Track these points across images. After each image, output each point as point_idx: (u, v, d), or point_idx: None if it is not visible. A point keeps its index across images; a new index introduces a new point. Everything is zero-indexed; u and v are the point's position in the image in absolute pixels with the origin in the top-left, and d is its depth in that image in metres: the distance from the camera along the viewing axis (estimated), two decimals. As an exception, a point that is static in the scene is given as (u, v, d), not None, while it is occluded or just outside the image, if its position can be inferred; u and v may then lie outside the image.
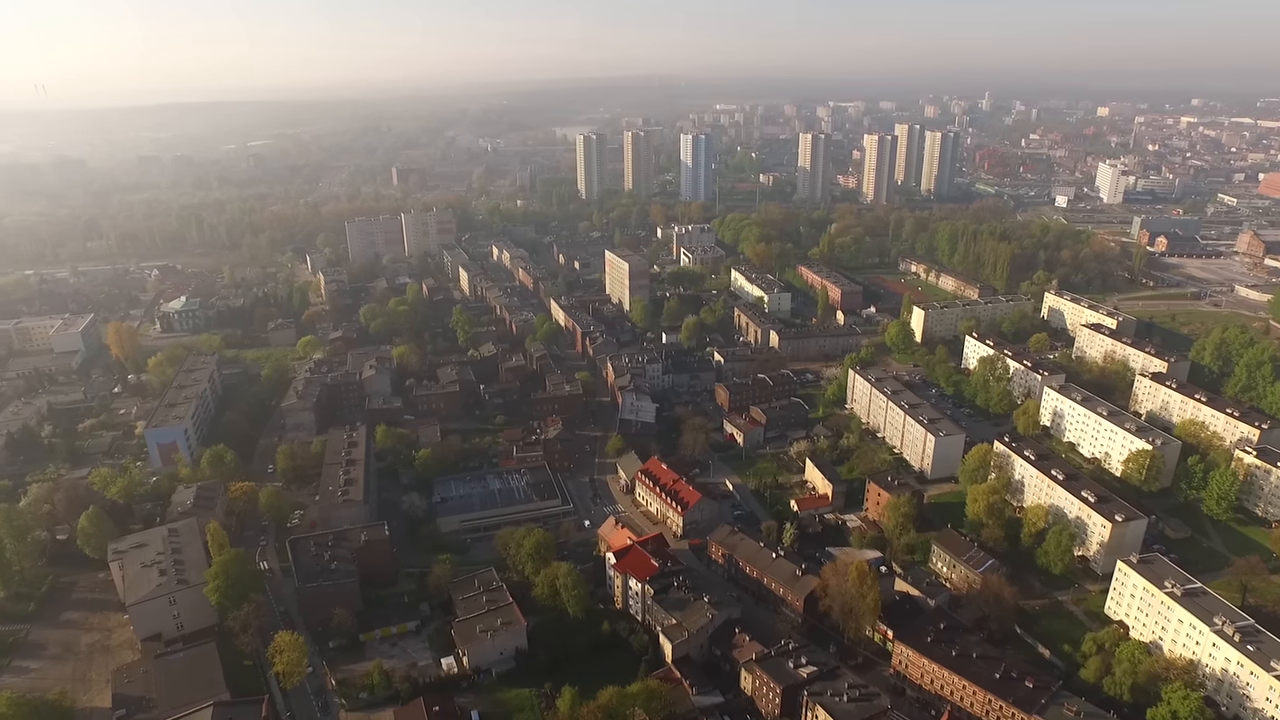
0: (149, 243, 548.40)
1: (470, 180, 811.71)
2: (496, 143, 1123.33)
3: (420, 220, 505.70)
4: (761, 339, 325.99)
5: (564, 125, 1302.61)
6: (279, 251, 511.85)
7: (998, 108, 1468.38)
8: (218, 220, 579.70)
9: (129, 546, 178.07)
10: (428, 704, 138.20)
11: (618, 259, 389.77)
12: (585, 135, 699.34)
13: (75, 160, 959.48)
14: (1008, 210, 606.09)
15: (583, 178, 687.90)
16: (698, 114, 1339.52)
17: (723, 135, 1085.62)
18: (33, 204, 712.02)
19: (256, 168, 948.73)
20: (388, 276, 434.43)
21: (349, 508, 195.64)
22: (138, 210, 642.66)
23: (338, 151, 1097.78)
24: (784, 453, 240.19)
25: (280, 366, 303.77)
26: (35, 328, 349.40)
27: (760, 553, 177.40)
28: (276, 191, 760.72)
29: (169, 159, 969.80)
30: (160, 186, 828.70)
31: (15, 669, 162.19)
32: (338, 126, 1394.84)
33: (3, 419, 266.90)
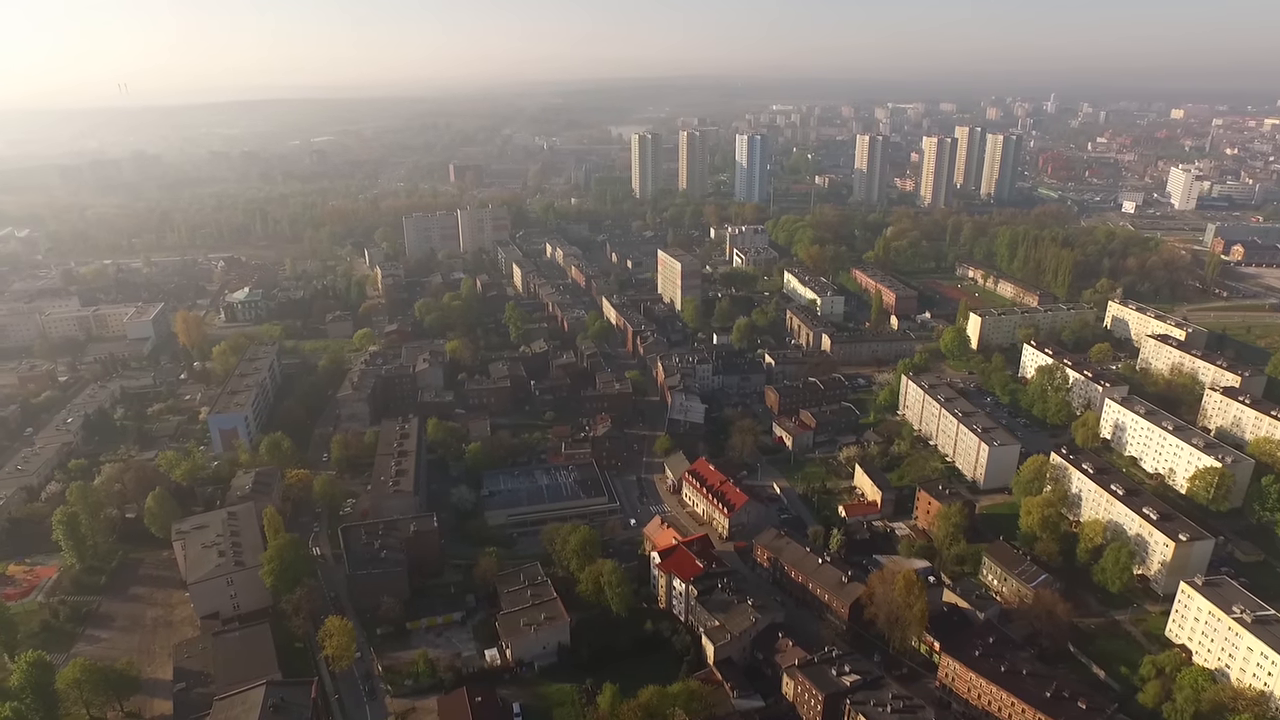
0: (216, 235, 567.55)
1: (526, 178, 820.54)
2: (552, 141, 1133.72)
3: (476, 217, 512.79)
4: (813, 342, 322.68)
5: (620, 124, 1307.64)
6: (338, 245, 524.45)
7: (1064, 110, 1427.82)
8: (281, 214, 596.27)
9: (191, 527, 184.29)
10: (470, 694, 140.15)
11: (670, 258, 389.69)
12: (640, 134, 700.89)
13: (152, 155, 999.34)
14: (1071, 216, 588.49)
15: (637, 177, 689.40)
16: (754, 114, 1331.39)
17: (779, 136, 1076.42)
18: (113, 197, 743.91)
19: (319, 163, 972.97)
20: (443, 272, 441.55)
21: (400, 498, 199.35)
22: (207, 203, 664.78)
23: (397, 148, 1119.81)
24: (833, 458, 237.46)
25: (337, 358, 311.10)
26: (111, 315, 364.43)
27: (806, 558, 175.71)
28: (338, 186, 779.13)
29: (237, 154, 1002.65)
30: (228, 181, 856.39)
31: (88, 637, 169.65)
32: (398, 124, 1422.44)
33: (80, 401, 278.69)
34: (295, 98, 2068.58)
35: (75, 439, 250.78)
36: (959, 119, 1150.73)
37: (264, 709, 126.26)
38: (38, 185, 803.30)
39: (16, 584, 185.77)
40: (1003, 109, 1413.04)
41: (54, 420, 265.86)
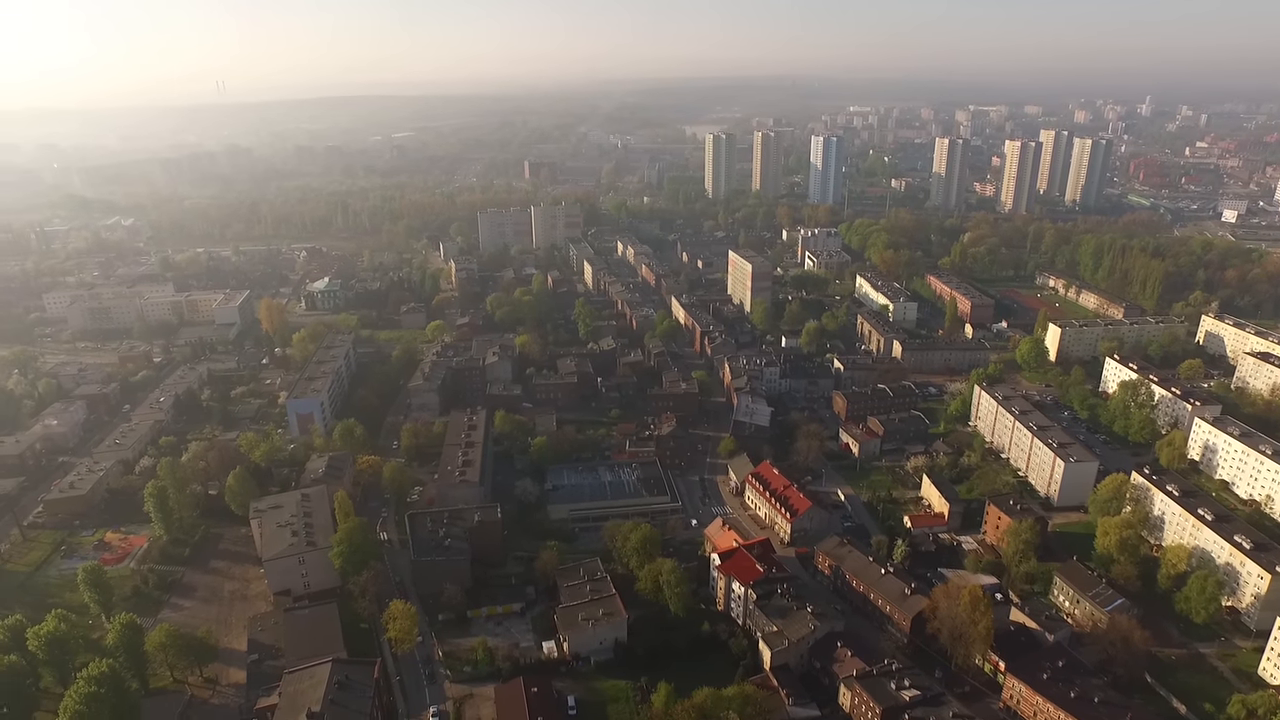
0: (300, 226, 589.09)
1: (599, 176, 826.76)
2: (627, 139, 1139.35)
3: (549, 213, 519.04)
4: (884, 348, 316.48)
5: (694, 124, 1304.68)
6: (415, 238, 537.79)
7: (1160, 113, 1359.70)
8: (361, 207, 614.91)
9: (267, 507, 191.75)
10: (527, 684, 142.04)
11: (741, 259, 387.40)
12: (715, 134, 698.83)
13: (244, 150, 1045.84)
14: (1163, 224, 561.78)
15: (710, 177, 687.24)
16: (830, 115, 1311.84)
17: (855, 138, 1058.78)
18: (208, 189, 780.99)
19: (399, 158, 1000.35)
20: (515, 267, 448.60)
21: (465, 488, 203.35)
22: (292, 196, 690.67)
23: (474, 144, 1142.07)
24: (900, 466, 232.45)
25: (410, 348, 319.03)
26: (202, 300, 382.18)
27: (869, 567, 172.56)
28: (416, 181, 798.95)
29: (322, 149, 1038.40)
30: (312, 174, 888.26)
31: (173, 605, 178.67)
32: (475, 121, 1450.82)
33: (172, 381, 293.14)
34: (378, 95, 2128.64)
35: (166, 417, 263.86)
36: (1044, 122, 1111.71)
37: (329, 685, 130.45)
38: (142, 177, 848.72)
39: (113, 550, 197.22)
40: (1092, 112, 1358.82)
41: (149, 398, 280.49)
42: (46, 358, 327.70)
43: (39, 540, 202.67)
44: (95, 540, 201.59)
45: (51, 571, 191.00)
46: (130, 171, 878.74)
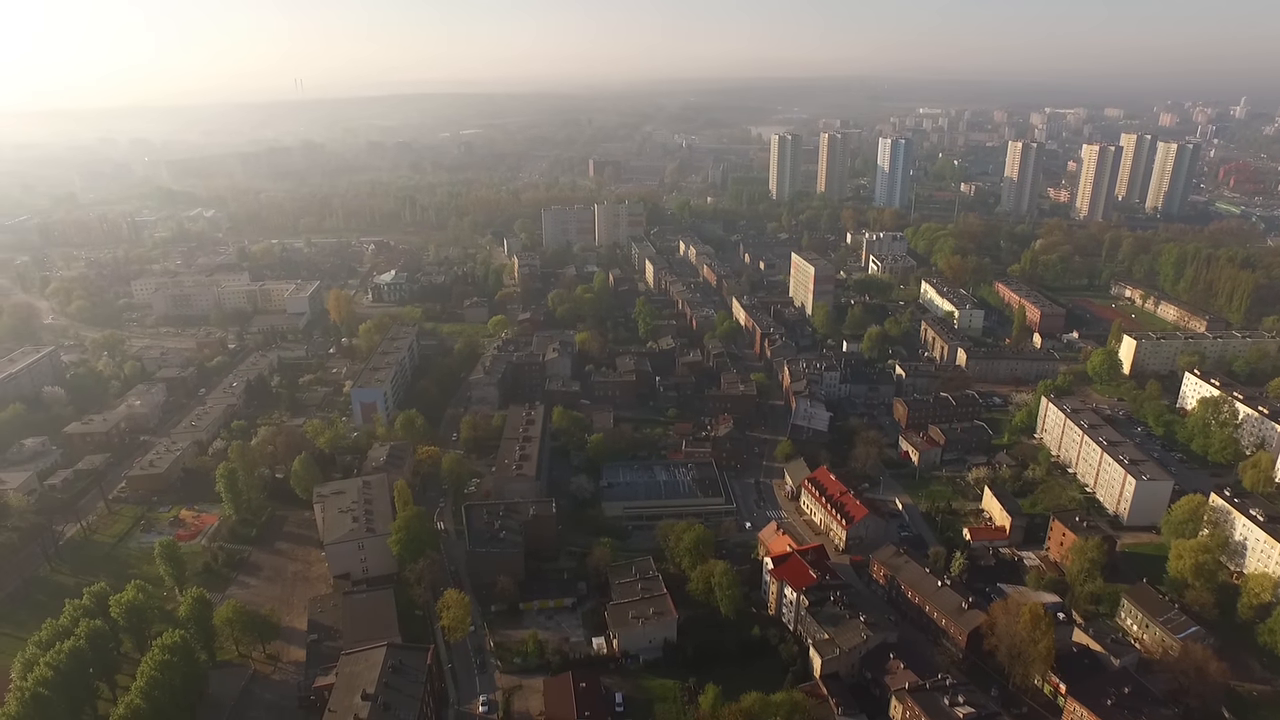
0: (369, 220, 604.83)
1: (663, 175, 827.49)
2: (691, 139, 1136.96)
3: (612, 212, 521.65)
4: (948, 356, 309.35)
5: (760, 124, 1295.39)
6: (480, 234, 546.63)
7: (1256, 115, 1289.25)
8: (428, 202, 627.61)
9: (330, 492, 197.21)
10: (575, 679, 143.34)
11: (804, 262, 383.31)
12: (780, 135, 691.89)
13: (318, 145, 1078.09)
14: (1255, 234, 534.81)
15: (774, 178, 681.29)
16: (899, 117, 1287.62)
17: (924, 140, 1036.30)
18: (283, 183, 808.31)
19: (466, 154, 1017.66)
20: (577, 264, 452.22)
21: (521, 482, 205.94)
22: (362, 190, 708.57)
23: (540, 142, 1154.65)
24: (961, 477, 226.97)
25: (471, 342, 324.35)
26: (274, 290, 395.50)
27: (925, 579, 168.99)
28: (482, 177, 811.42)
29: (392, 145, 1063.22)
30: (382, 169, 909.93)
31: (239, 582, 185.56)
32: (541, 119, 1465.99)
33: (245, 367, 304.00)
34: (446, 92, 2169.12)
35: (238, 401, 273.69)
36: (1126, 125, 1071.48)
37: (384, 668, 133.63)
38: (223, 171, 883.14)
39: (187, 527, 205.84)
40: (1180, 114, 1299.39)
41: (223, 383, 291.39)
42: (132, 341, 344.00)
43: (122, 514, 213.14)
44: (171, 517, 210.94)
45: (132, 544, 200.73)
46: (212, 165, 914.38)
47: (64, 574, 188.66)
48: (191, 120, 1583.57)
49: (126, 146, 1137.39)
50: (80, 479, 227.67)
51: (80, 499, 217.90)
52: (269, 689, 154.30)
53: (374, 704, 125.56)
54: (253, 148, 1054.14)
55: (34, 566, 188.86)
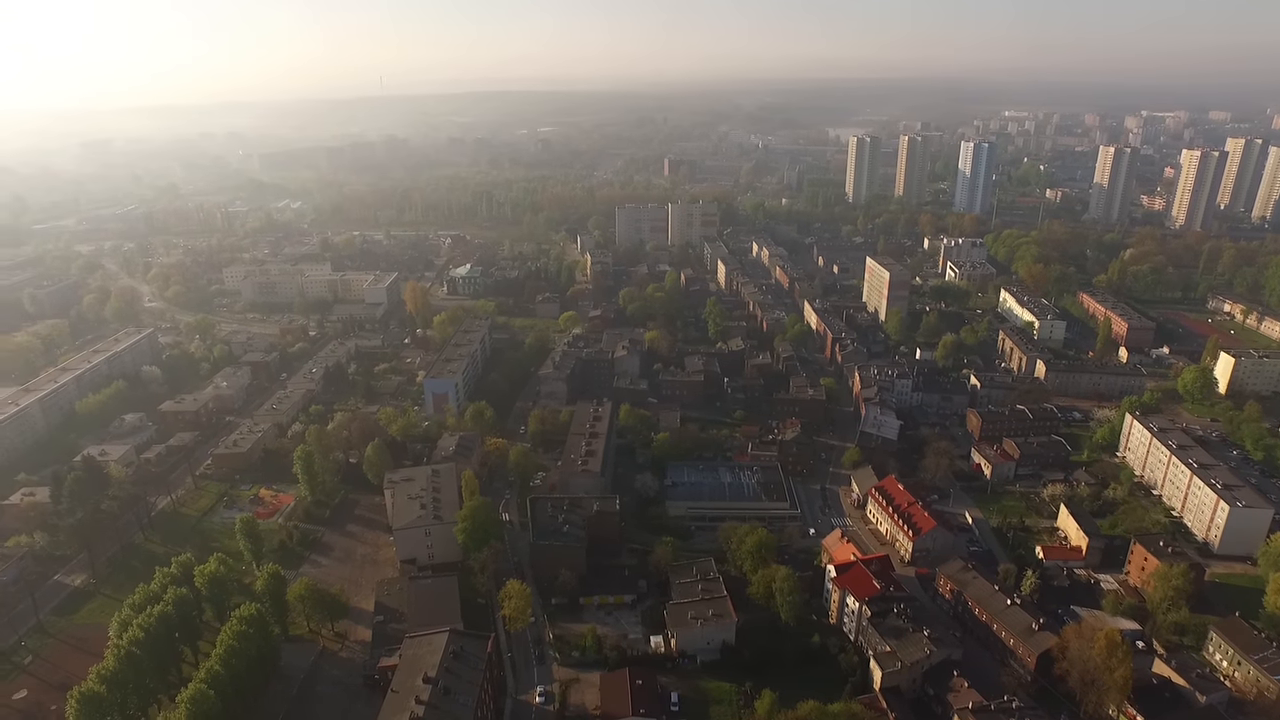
0: (446, 214, 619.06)
1: (738, 175, 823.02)
2: (768, 140, 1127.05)
3: (686, 211, 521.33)
4: (1026, 367, 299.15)
5: (838, 126, 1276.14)
6: (554, 230, 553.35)
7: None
8: (504, 197, 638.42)
9: (400, 479, 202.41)
10: (632, 675, 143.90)
11: (879, 266, 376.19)
12: (859, 137, 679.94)
13: (400, 140, 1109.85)
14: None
15: (851, 180, 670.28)
16: (983, 120, 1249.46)
17: (1008, 144, 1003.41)
18: (365, 176, 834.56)
19: (543, 151, 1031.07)
20: (649, 263, 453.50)
21: (586, 477, 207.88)
22: (441, 185, 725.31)
23: (616, 140, 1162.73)
24: (1035, 493, 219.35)
25: (542, 337, 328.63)
26: (354, 280, 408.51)
27: (993, 596, 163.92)
28: (558, 174, 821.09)
29: (471, 141, 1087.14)
30: (461, 164, 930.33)
31: (312, 561, 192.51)
32: (618, 117, 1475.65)
33: (324, 354, 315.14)
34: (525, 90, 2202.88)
35: (317, 387, 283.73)
36: (1233, 129, 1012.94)
37: (446, 653, 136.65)
38: (309, 164, 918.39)
39: (265, 505, 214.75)
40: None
41: (303, 369, 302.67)
42: (222, 325, 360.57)
43: (207, 490, 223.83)
44: (251, 495, 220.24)
45: (215, 518, 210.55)
46: (300, 159, 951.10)
47: (155, 543, 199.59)
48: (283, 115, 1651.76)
49: (223, 140, 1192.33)
50: (172, 454, 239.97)
51: (171, 473, 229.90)
52: (336, 665, 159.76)
53: (435, 687, 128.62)
54: (338, 142, 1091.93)
55: (130, 534, 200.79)
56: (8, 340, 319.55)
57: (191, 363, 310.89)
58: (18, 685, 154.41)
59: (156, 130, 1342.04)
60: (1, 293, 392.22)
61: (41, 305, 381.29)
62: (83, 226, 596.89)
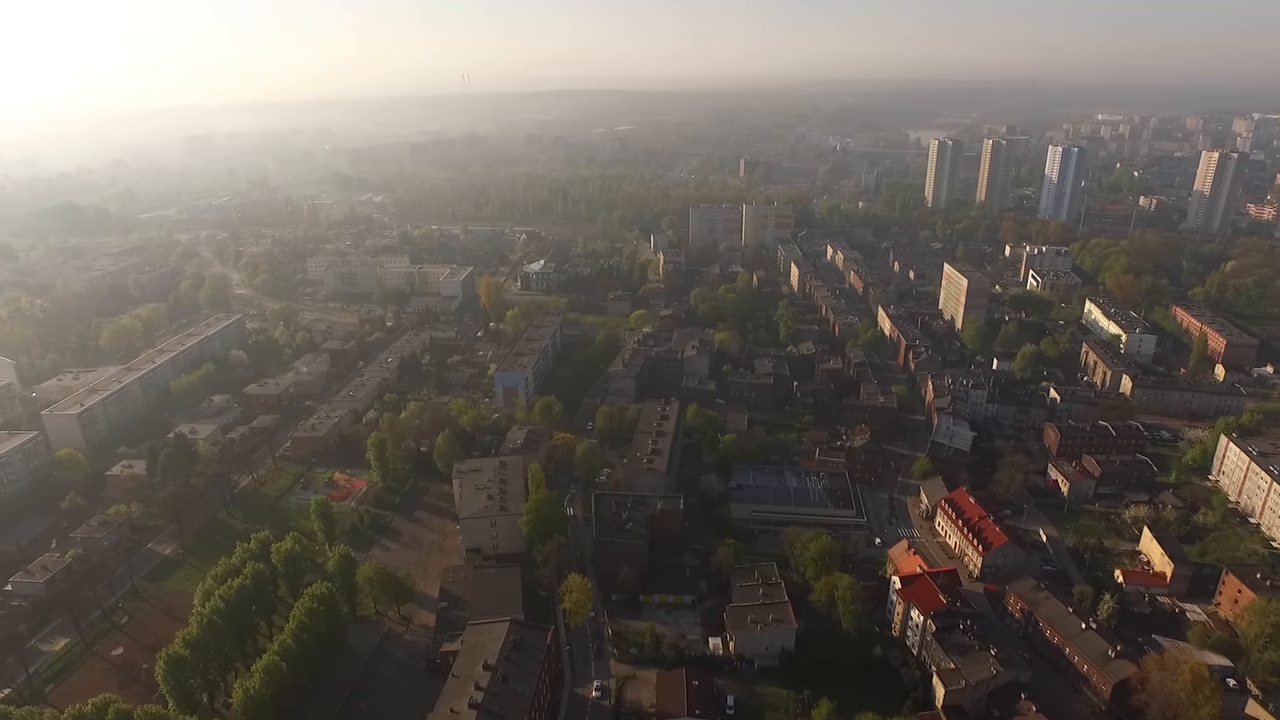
0: (522, 210, 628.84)
1: (814, 177, 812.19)
2: (846, 142, 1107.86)
3: (760, 212, 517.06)
4: (1110, 382, 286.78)
5: (919, 128, 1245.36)
6: (627, 228, 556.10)
7: None
8: (580, 195, 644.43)
9: (468, 469, 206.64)
10: (689, 676, 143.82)
11: (957, 273, 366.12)
12: (940, 140, 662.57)
13: (480, 137, 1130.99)
14: None
15: (931, 184, 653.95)
16: (1073, 124, 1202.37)
17: (1100, 149, 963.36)
18: (445, 172, 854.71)
19: (619, 150, 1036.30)
20: (721, 263, 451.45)
21: (651, 476, 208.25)
22: (518, 181, 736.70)
23: (692, 139, 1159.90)
24: (1116, 513, 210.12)
25: (613, 334, 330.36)
26: (431, 273, 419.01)
27: (1067, 618, 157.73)
28: (633, 173, 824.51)
29: (548, 138, 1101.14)
30: (538, 161, 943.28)
31: (381, 545, 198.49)
32: (695, 116, 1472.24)
33: (399, 345, 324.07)
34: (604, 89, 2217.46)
35: (391, 376, 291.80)
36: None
37: (506, 642, 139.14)
38: (393, 159, 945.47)
39: (339, 488, 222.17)
40: None
41: (379, 358, 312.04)
42: (304, 313, 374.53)
43: (285, 471, 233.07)
44: (326, 478, 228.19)
45: (292, 499, 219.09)
46: (384, 154, 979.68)
47: (236, 519, 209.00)
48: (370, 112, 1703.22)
49: (312, 136, 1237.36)
50: (254, 435, 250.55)
51: (253, 453, 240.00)
52: (400, 648, 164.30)
53: (494, 675, 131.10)
54: (420, 138, 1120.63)
55: (214, 509, 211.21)
56: (114, 322, 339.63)
57: (275, 348, 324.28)
58: (115, 643, 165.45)
59: (252, 125, 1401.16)
60: (110, 277, 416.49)
61: (144, 290, 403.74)
62: (183, 216, 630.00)
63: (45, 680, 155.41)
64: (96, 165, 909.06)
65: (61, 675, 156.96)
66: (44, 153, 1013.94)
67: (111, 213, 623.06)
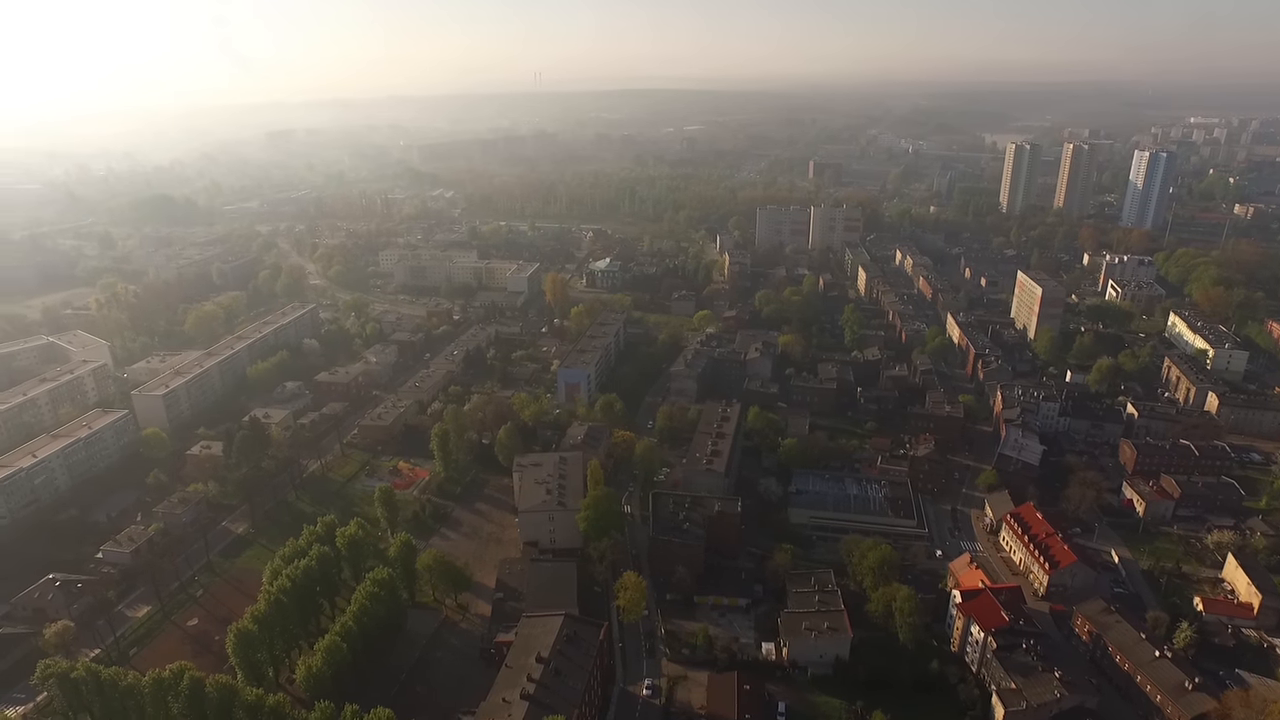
0: (589, 208, 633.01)
1: (885, 180, 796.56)
2: (918, 144, 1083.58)
3: (828, 215, 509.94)
4: (1194, 399, 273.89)
5: (996, 131, 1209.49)
6: (694, 228, 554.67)
7: None
8: (647, 194, 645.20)
9: (529, 463, 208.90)
10: (740, 679, 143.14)
11: (1031, 281, 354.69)
12: (1017, 144, 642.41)
13: (549, 135, 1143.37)
14: None
15: (1006, 189, 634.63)
16: (1162, 127, 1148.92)
17: (1191, 154, 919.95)
18: (514, 169, 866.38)
19: (687, 150, 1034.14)
20: (787, 266, 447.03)
21: (710, 477, 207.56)
22: (586, 179, 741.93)
23: (761, 140, 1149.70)
24: (1197, 538, 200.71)
25: (676, 334, 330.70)
26: (498, 269, 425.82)
27: (1139, 645, 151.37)
28: (701, 173, 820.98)
29: (617, 137, 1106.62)
30: (607, 160, 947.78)
31: (441, 534, 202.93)
32: (764, 117, 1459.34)
33: (465, 338, 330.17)
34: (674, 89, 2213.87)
35: (456, 369, 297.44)
36: None
37: (560, 636, 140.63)
38: (463, 156, 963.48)
39: (402, 477, 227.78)
40: None
41: (445, 350, 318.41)
42: (375, 305, 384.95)
43: (352, 458, 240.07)
44: (390, 466, 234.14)
45: (357, 485, 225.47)
46: (455, 150, 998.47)
47: (304, 502, 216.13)
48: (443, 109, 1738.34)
49: (386, 132, 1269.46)
50: (323, 422, 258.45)
51: (322, 439, 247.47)
52: (456, 635, 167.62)
53: (547, 668, 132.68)
54: (491, 135, 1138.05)
55: (284, 491, 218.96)
56: (198, 309, 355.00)
57: (346, 338, 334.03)
58: (191, 614, 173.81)
59: (330, 122, 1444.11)
60: (195, 266, 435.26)
61: (226, 278, 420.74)
62: (263, 209, 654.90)
63: (129, 644, 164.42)
64: (188, 159, 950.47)
65: (144, 640, 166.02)
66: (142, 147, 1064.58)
67: (199, 204, 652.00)
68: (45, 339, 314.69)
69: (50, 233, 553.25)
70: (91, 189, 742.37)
